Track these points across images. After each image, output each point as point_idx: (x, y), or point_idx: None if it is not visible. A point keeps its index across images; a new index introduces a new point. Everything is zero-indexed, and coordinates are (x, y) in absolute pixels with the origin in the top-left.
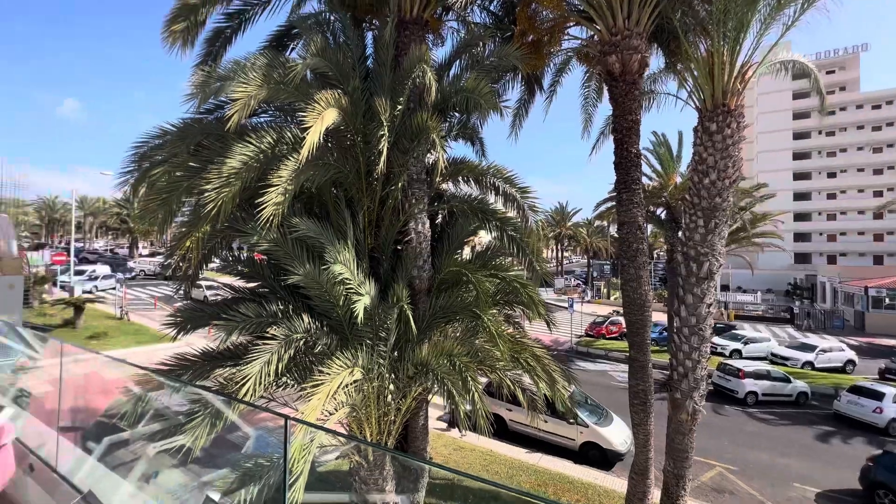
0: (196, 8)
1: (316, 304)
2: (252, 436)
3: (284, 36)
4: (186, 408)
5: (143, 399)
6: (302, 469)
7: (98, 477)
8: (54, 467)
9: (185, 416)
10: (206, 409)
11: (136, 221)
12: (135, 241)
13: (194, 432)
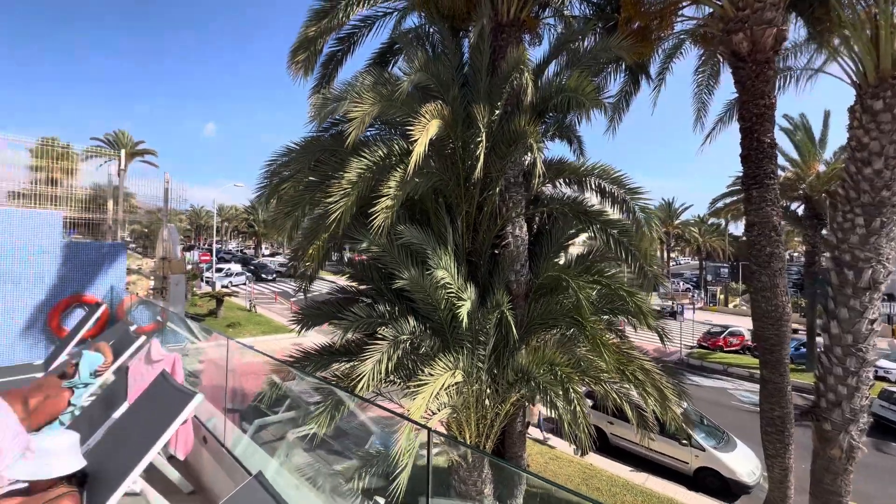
0: (315, 39)
1: (419, 307)
2: (375, 432)
3: (387, 52)
4: (315, 398)
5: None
6: (406, 463)
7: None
8: (223, 442)
9: (313, 406)
10: (329, 399)
11: (267, 228)
12: (259, 242)
13: (319, 420)
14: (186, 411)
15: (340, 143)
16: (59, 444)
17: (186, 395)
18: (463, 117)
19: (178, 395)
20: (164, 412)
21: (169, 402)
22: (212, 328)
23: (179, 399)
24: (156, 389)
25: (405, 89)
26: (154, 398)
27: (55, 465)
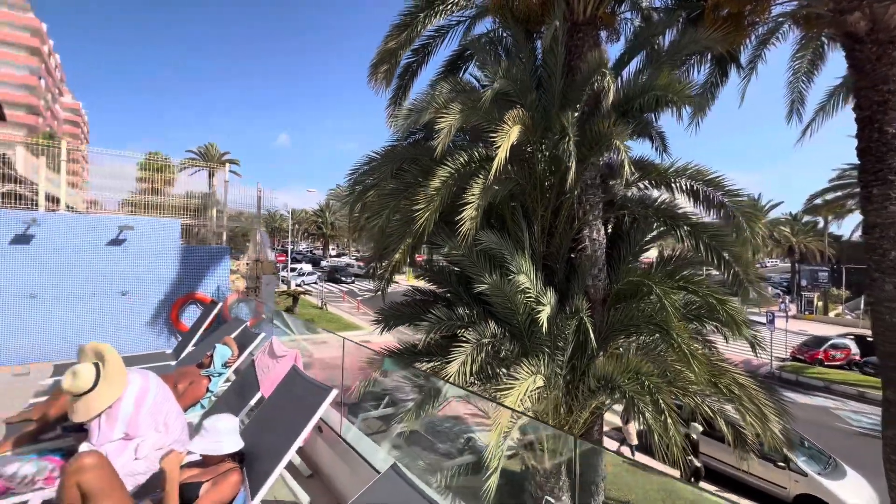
0: (395, 51)
1: (497, 311)
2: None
3: (457, 59)
4: (409, 396)
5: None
6: (496, 466)
7: (369, 446)
8: (339, 433)
9: (409, 402)
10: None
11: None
12: (327, 244)
13: (419, 413)
14: (325, 403)
15: (420, 151)
16: (227, 426)
17: (324, 389)
18: (540, 121)
19: (316, 388)
20: (303, 404)
21: (307, 395)
22: (315, 325)
23: (317, 392)
24: (291, 383)
25: (488, 97)
26: (291, 391)
27: (224, 444)
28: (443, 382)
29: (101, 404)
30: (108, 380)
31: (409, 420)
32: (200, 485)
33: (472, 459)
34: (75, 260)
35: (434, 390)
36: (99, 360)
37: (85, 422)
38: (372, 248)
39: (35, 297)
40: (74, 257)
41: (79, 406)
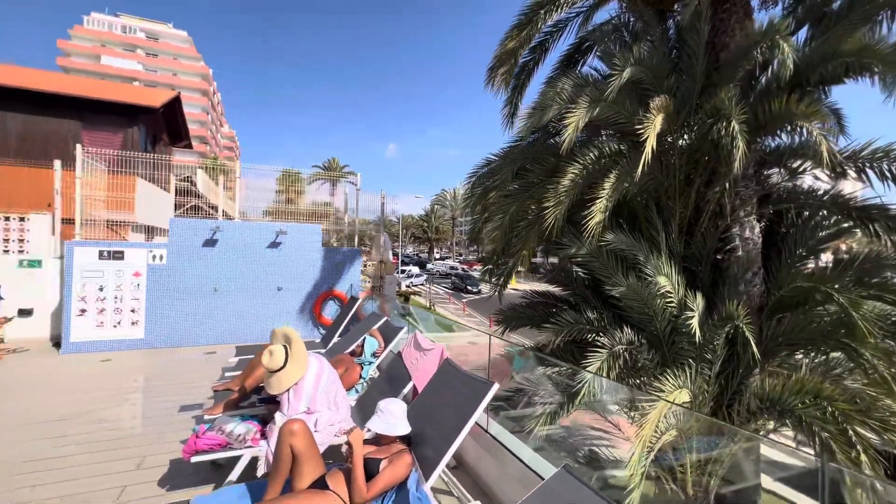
0: (515, 51)
1: (631, 317)
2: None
3: (574, 53)
4: (548, 399)
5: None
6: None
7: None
8: (484, 427)
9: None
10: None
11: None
12: (432, 247)
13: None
14: (488, 397)
15: (542, 150)
16: (400, 410)
17: (485, 383)
18: (682, 108)
19: (476, 382)
20: (464, 396)
21: (466, 388)
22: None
23: (478, 386)
24: (448, 375)
25: (615, 87)
26: (449, 383)
27: (398, 426)
28: (586, 382)
29: (290, 380)
30: (295, 360)
31: (542, 423)
32: (379, 461)
33: (592, 474)
34: (245, 260)
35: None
36: (287, 342)
37: (277, 394)
38: (490, 250)
39: (217, 290)
40: (245, 258)
41: (272, 381)
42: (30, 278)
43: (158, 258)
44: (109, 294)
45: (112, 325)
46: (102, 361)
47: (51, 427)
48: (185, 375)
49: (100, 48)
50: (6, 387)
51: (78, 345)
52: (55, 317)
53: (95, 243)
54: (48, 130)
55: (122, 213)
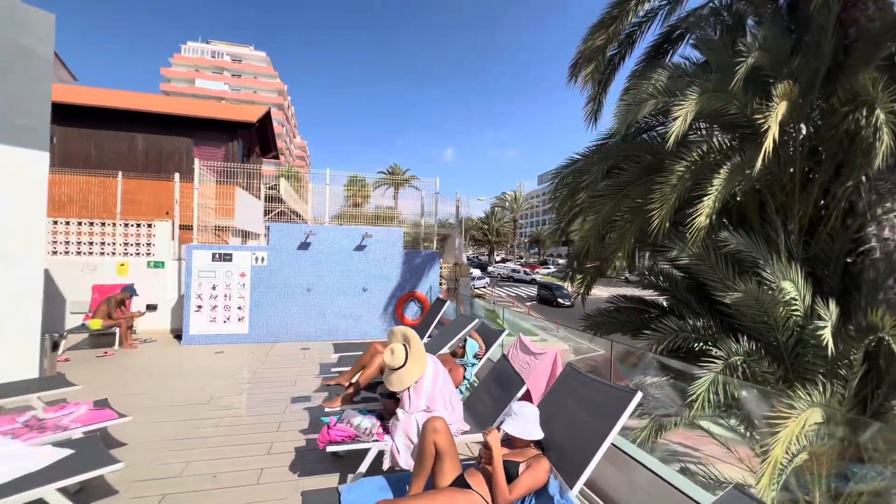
0: (603, 47)
1: (746, 325)
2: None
3: (662, 43)
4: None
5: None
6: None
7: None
8: None
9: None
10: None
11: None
12: (492, 250)
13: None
14: (631, 405)
15: (637, 147)
16: (532, 413)
17: (626, 391)
18: (806, 94)
19: (613, 390)
20: (601, 403)
21: (603, 396)
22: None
23: (618, 394)
24: (574, 382)
25: (741, 75)
26: (577, 390)
27: (532, 430)
28: (706, 387)
29: (411, 378)
30: (414, 358)
31: (649, 435)
32: (517, 464)
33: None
34: (334, 262)
35: (682, 405)
36: (406, 342)
37: (398, 391)
38: (574, 253)
39: (310, 290)
40: (333, 259)
41: (394, 378)
42: (155, 277)
43: (260, 260)
44: (220, 293)
45: (222, 320)
46: (216, 353)
47: (186, 410)
48: (288, 369)
49: (194, 73)
50: (146, 372)
51: (195, 337)
52: (174, 312)
53: (209, 247)
54: (165, 147)
55: (225, 220)
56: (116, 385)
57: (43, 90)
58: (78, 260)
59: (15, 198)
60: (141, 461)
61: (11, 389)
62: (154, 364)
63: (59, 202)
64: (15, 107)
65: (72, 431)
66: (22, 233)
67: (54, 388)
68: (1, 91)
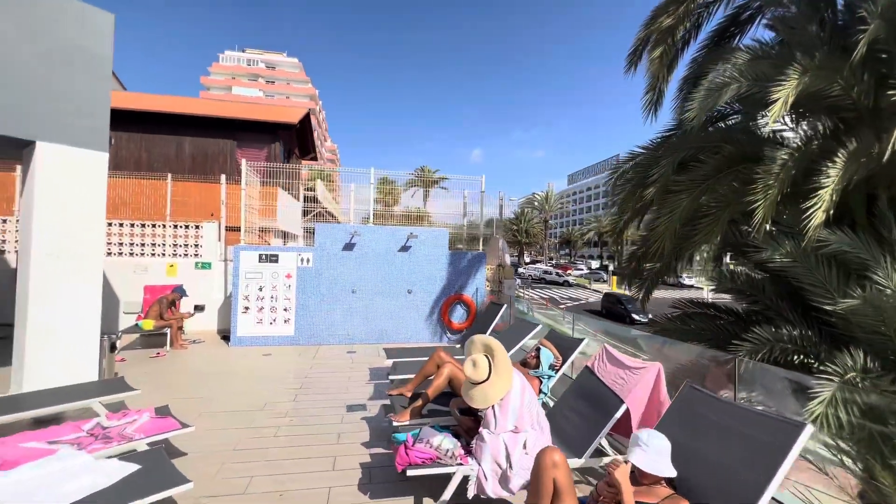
0: (673, 29)
1: (853, 335)
2: None
3: (730, 26)
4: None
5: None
6: None
7: None
8: None
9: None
10: None
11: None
12: (522, 251)
13: None
14: (799, 444)
15: (717, 137)
16: (663, 446)
17: (792, 424)
18: None
19: (769, 421)
20: (755, 439)
21: (755, 428)
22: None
23: (779, 426)
24: (705, 407)
25: (862, 47)
26: (706, 417)
27: (664, 465)
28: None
29: (496, 394)
30: (499, 372)
31: None
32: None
33: None
34: (378, 263)
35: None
36: (489, 353)
37: (480, 409)
38: (630, 253)
39: (355, 292)
40: (378, 261)
41: (476, 394)
42: (203, 279)
43: (306, 261)
44: (267, 294)
45: (269, 322)
46: (264, 356)
47: (243, 417)
48: (338, 373)
49: (231, 80)
50: (198, 375)
51: (243, 339)
52: (221, 312)
53: (256, 248)
54: (210, 149)
55: (267, 221)
56: (172, 388)
57: (103, 90)
58: (130, 261)
59: (78, 198)
60: (204, 474)
61: (74, 393)
62: (206, 366)
63: (113, 205)
64: (76, 107)
65: (136, 442)
66: (85, 233)
67: (115, 393)
68: (62, 91)
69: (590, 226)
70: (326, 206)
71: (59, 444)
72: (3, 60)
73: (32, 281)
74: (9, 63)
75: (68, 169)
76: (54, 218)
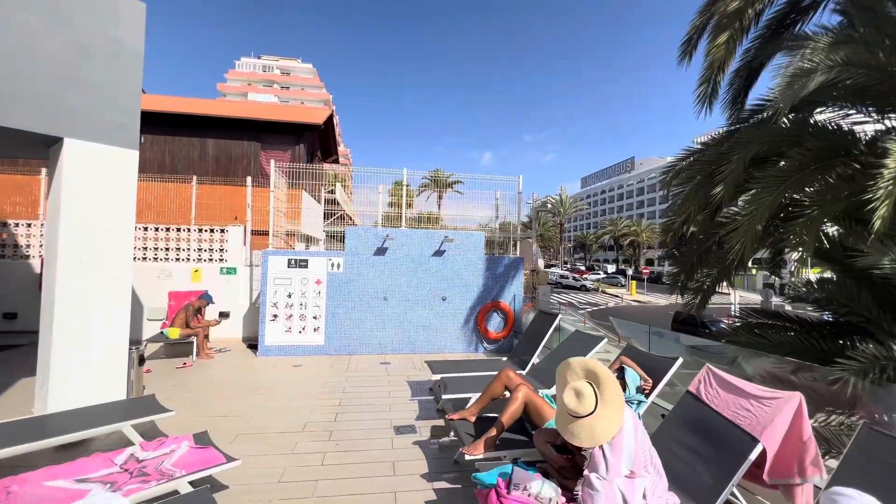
0: (741, 11)
1: None
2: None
3: (790, 13)
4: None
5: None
6: None
7: None
8: None
9: None
10: None
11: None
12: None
13: None
14: None
15: (793, 131)
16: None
17: None
18: None
19: None
20: None
21: None
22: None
23: None
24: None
25: None
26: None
27: None
28: None
29: (606, 432)
30: (609, 405)
31: None
32: None
33: None
34: (411, 269)
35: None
36: (592, 380)
37: (586, 448)
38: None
39: (387, 299)
40: (411, 266)
41: (579, 430)
42: (227, 284)
43: (336, 266)
44: (296, 301)
45: (298, 330)
46: (295, 367)
47: (283, 441)
48: (376, 388)
49: (247, 87)
50: (229, 388)
51: (271, 348)
52: (246, 319)
53: (285, 252)
54: (234, 152)
55: (292, 224)
56: (202, 405)
57: (134, 84)
58: (154, 266)
59: (108, 200)
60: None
61: (102, 415)
62: (235, 378)
63: (138, 208)
64: (106, 102)
65: (178, 481)
66: (114, 237)
67: (147, 416)
68: (92, 85)
69: (605, 229)
70: (345, 209)
71: (89, 482)
72: (30, 52)
73: (59, 288)
74: (35, 54)
75: (98, 168)
76: (83, 221)
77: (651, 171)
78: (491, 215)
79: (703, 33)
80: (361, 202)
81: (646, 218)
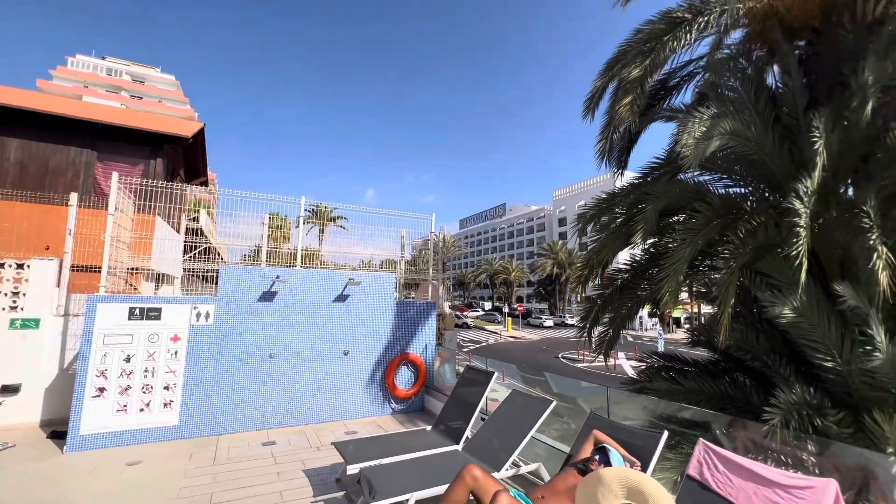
0: (642, 80)
1: (852, 393)
2: None
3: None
4: None
5: None
6: None
7: None
8: None
9: None
10: None
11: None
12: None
13: None
14: None
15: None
16: None
17: None
18: None
19: None
20: None
21: None
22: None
23: None
24: None
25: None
26: None
27: None
28: None
29: None
30: None
31: None
32: None
33: None
34: (306, 317)
35: None
36: (635, 499)
37: None
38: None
39: (273, 356)
40: (305, 315)
41: None
42: (22, 342)
43: (204, 316)
44: (137, 367)
45: (139, 408)
46: (129, 465)
47: None
48: (259, 486)
49: (82, 88)
50: None
51: (91, 438)
52: (51, 395)
53: (126, 298)
54: (54, 159)
55: (138, 259)
56: None
57: None
58: None
59: None
60: None
61: None
62: (18, 499)
63: None
64: None
65: None
66: None
67: None
68: None
69: (481, 268)
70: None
71: None
72: None
73: None
74: None
75: None
76: None
77: (519, 218)
78: (392, 254)
79: (603, 94)
80: (231, 234)
81: (515, 259)
